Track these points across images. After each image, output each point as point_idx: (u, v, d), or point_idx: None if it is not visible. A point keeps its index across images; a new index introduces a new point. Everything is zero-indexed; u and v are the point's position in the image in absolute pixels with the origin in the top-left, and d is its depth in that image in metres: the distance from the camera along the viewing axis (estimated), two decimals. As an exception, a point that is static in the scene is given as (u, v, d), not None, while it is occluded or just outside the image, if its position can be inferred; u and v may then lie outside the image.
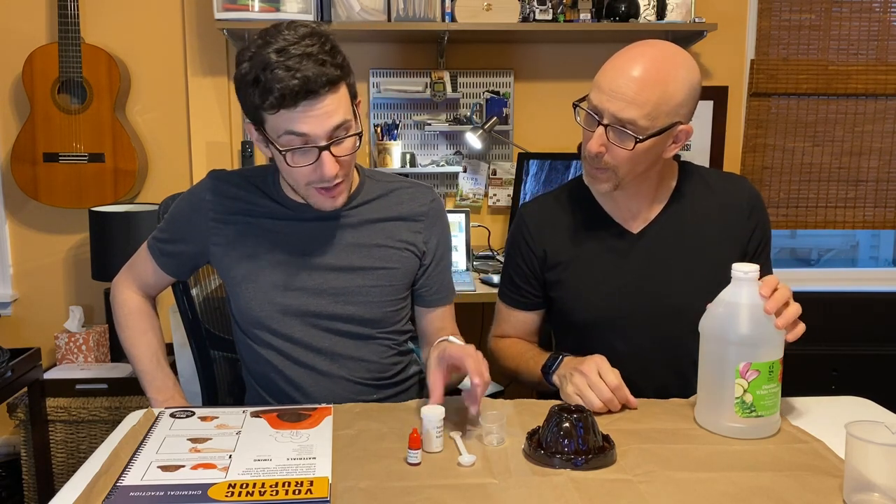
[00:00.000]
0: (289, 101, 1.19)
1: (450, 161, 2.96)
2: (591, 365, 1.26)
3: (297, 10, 2.59)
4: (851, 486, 0.95)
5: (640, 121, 1.28)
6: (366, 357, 1.42)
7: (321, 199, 1.32)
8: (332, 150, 1.24)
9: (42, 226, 2.90)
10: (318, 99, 1.20)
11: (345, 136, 1.26)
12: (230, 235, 1.40)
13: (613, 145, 1.31)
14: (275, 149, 1.26)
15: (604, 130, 1.31)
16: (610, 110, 1.29)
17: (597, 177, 1.37)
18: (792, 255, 3.60)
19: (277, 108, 1.20)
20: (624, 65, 1.30)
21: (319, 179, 1.27)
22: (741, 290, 1.14)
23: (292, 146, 1.24)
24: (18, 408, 2.44)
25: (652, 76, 1.27)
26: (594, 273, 1.45)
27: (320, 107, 1.21)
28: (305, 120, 1.21)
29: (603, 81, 1.31)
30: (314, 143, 1.23)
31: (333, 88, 1.22)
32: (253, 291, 1.38)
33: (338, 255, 1.39)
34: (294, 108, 1.20)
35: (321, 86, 1.19)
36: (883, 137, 3.05)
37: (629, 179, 1.36)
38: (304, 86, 1.18)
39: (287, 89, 1.18)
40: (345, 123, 1.25)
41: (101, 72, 2.69)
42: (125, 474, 1.01)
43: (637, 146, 1.29)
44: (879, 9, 2.98)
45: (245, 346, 1.44)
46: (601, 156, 1.32)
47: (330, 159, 1.24)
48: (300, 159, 1.25)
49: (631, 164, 1.33)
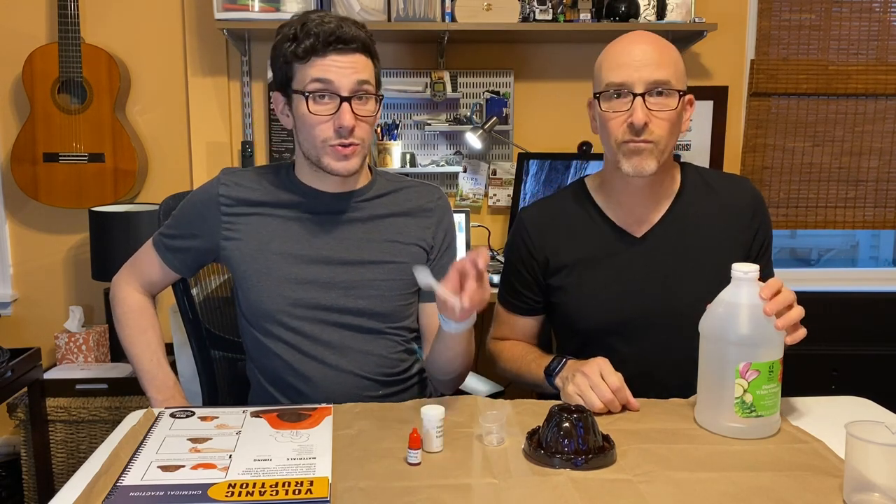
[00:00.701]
0: (321, 47, 1.29)
1: (450, 161, 2.96)
2: (594, 366, 1.26)
3: (297, 9, 2.59)
4: (851, 486, 0.95)
5: (672, 80, 1.33)
6: (374, 351, 1.43)
7: (334, 160, 1.35)
8: (352, 104, 1.32)
9: (42, 226, 2.90)
10: (347, 52, 1.31)
11: (367, 94, 1.34)
12: (242, 229, 1.42)
13: (655, 112, 1.33)
14: (300, 96, 1.33)
15: (642, 100, 1.32)
16: (642, 77, 1.32)
17: (641, 158, 1.35)
18: (792, 255, 3.60)
19: (310, 53, 1.30)
20: (630, 43, 1.36)
21: (337, 131, 1.33)
22: (741, 290, 1.14)
23: (319, 90, 1.32)
24: (18, 408, 2.44)
25: (662, 44, 1.36)
26: (597, 278, 1.45)
27: (349, 60, 1.31)
28: (332, 68, 1.30)
29: (620, 58, 1.35)
30: (337, 91, 1.31)
31: (363, 51, 1.33)
32: (265, 284, 1.40)
33: (348, 248, 1.42)
34: (325, 56, 1.30)
35: (352, 39, 1.31)
36: (883, 137, 3.05)
37: (665, 156, 1.37)
38: (337, 29, 1.29)
39: (322, 33, 1.29)
40: (369, 84, 1.34)
41: (101, 72, 2.69)
42: (125, 474, 1.01)
43: (678, 104, 1.34)
44: (879, 9, 2.98)
45: (253, 339, 1.45)
46: (647, 127, 1.33)
47: (349, 111, 1.31)
48: (322, 107, 1.32)
49: (669, 133, 1.36)
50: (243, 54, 2.84)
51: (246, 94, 2.87)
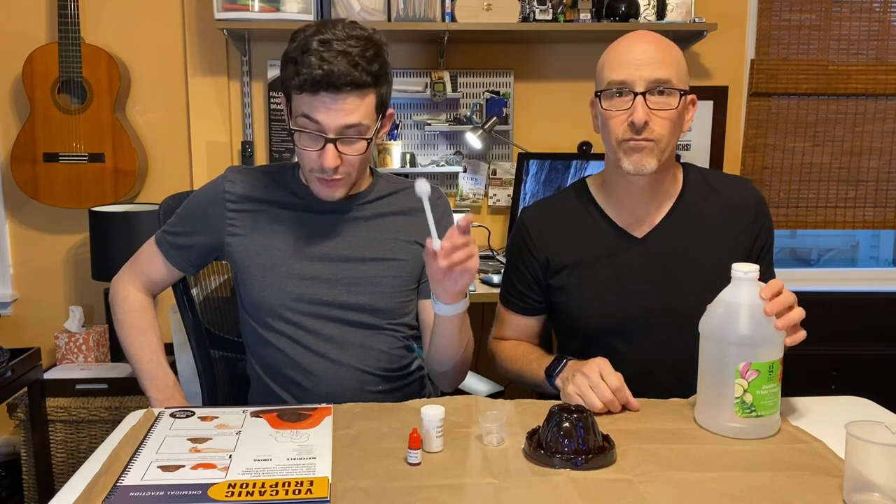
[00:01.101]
0: (310, 87, 1.27)
1: (450, 161, 2.96)
2: (594, 366, 1.26)
3: (297, 9, 2.59)
4: (851, 486, 0.95)
5: (673, 79, 1.33)
6: (374, 346, 1.44)
7: (319, 187, 1.38)
8: (337, 145, 1.31)
9: (42, 226, 2.90)
10: (338, 95, 1.28)
11: (356, 137, 1.32)
12: (247, 226, 1.44)
13: (655, 111, 1.33)
14: (292, 125, 1.34)
15: (643, 99, 1.32)
16: (644, 76, 1.32)
17: (641, 157, 1.35)
18: (792, 255, 3.60)
19: (301, 90, 1.29)
20: (632, 42, 1.36)
21: (320, 168, 1.33)
22: (741, 290, 1.14)
23: (305, 129, 1.32)
24: (18, 408, 2.44)
25: (663, 42, 1.36)
26: (598, 278, 1.45)
27: (340, 103, 1.29)
28: (322, 109, 1.29)
29: (622, 57, 1.34)
30: (323, 132, 1.30)
31: (358, 92, 1.29)
32: (268, 279, 1.42)
33: (350, 245, 1.44)
34: (314, 96, 1.28)
35: (344, 84, 1.27)
36: (883, 137, 3.05)
37: (666, 155, 1.37)
38: (326, 78, 1.26)
39: (310, 77, 1.26)
40: (359, 126, 1.31)
41: (101, 72, 2.69)
42: (125, 474, 1.01)
43: (679, 104, 1.33)
44: (879, 9, 2.98)
45: (254, 334, 1.46)
46: (647, 125, 1.33)
47: (332, 152, 1.31)
48: (308, 143, 1.33)
49: (670, 132, 1.35)
50: (243, 54, 2.84)
51: (246, 94, 2.87)
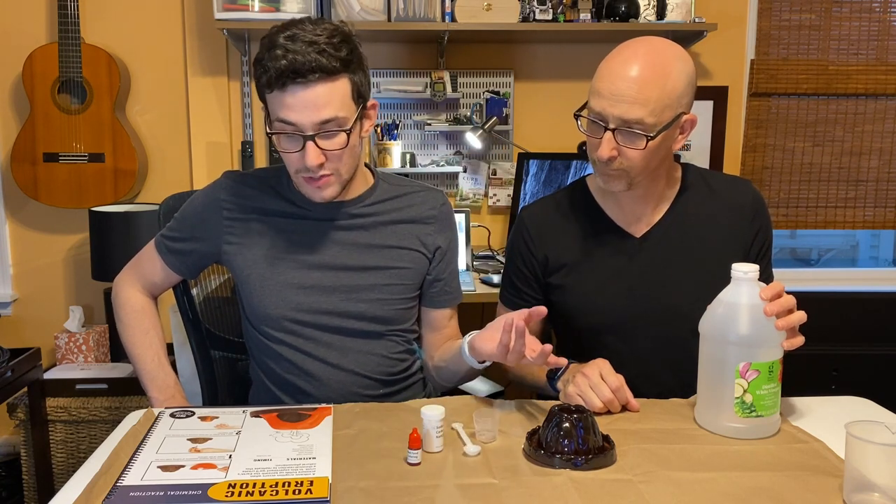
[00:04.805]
0: (277, 80, 1.22)
1: (450, 161, 2.95)
2: (594, 367, 1.26)
3: (297, 9, 2.59)
4: (851, 486, 0.95)
5: (646, 119, 1.27)
6: (375, 351, 1.44)
7: (308, 189, 1.34)
8: (317, 141, 1.26)
9: (42, 226, 2.90)
10: (307, 85, 1.22)
11: (335, 130, 1.27)
12: (245, 234, 1.42)
13: (624, 147, 1.30)
14: (269, 129, 1.30)
15: (612, 135, 1.30)
16: (615, 114, 1.28)
17: (610, 179, 1.36)
18: (792, 255, 3.60)
19: (271, 87, 1.24)
20: (620, 67, 1.29)
21: (305, 168, 1.29)
22: (741, 290, 1.14)
23: (283, 131, 1.27)
24: (18, 408, 2.44)
25: (650, 73, 1.27)
26: (597, 277, 1.45)
27: (310, 96, 1.23)
28: (295, 107, 1.24)
29: (602, 87, 1.30)
30: (300, 131, 1.26)
31: (326, 78, 1.23)
32: (267, 290, 1.40)
33: (350, 254, 1.42)
34: (284, 91, 1.23)
35: (310, 70, 1.21)
36: (883, 137, 3.05)
37: (642, 178, 1.36)
38: (291, 66, 1.20)
39: (276, 69, 1.21)
40: (336, 119, 1.26)
41: (101, 72, 2.69)
42: (125, 474, 1.01)
43: (649, 144, 1.29)
44: (879, 9, 2.98)
45: (256, 341, 1.45)
46: (613, 160, 1.31)
47: (314, 150, 1.26)
48: (288, 145, 1.29)
49: (644, 163, 1.33)
50: (243, 54, 2.84)
51: (246, 94, 2.87)
